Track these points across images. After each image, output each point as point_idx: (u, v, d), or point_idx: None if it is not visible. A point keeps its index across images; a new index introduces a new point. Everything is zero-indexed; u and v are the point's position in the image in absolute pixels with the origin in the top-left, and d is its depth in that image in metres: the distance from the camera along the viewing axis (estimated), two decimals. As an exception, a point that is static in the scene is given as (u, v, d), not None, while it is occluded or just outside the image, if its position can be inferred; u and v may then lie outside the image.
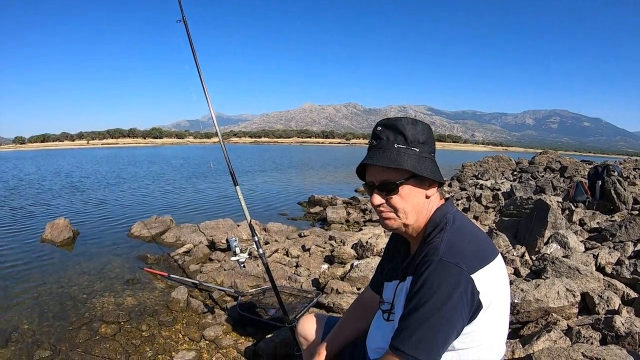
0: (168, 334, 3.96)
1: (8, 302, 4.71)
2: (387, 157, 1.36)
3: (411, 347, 1.22)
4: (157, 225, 8.09)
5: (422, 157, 1.37)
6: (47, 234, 7.48)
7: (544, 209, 5.04)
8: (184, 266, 5.95)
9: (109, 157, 47.94)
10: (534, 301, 2.85)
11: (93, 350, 3.64)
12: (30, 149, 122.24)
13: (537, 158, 19.31)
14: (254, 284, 5.05)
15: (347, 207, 10.50)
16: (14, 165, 32.71)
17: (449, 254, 1.25)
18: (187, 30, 3.54)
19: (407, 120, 1.40)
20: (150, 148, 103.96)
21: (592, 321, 2.74)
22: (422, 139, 1.38)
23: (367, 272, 4.59)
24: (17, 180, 19.53)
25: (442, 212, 1.43)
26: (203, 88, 3.60)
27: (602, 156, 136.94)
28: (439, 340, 1.23)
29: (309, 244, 6.35)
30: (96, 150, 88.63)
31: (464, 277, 1.21)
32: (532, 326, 2.86)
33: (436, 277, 1.22)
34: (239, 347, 3.65)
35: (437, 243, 1.30)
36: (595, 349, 2.25)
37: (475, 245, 1.32)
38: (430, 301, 1.20)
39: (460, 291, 1.20)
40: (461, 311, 1.21)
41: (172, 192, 15.19)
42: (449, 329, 1.22)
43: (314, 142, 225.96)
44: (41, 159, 45.08)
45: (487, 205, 8.78)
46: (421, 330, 1.22)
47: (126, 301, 4.71)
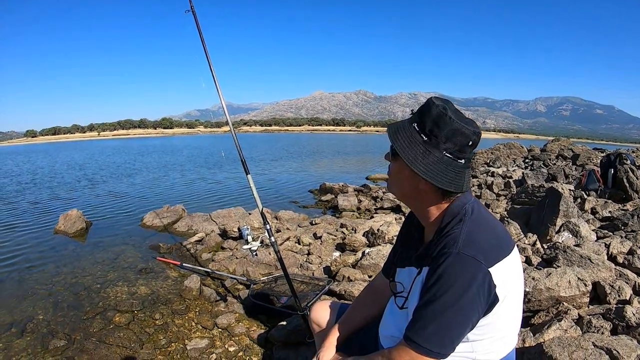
0: (181, 322, 4.00)
1: (23, 293, 4.79)
2: (400, 126, 1.35)
3: (426, 340, 1.22)
4: (169, 214, 8.15)
5: (427, 150, 1.28)
6: (60, 225, 7.57)
7: (556, 197, 5.01)
8: (196, 255, 6.00)
9: (119, 148, 48.26)
10: (545, 290, 2.85)
11: (107, 339, 3.69)
12: (41, 141, 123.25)
13: (549, 146, 19.10)
14: (265, 272, 5.08)
15: (358, 195, 10.50)
16: (28, 159, 33.04)
17: (468, 247, 1.22)
18: (196, 20, 3.53)
19: (445, 110, 1.27)
20: (161, 138, 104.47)
21: (603, 311, 2.72)
22: (440, 133, 1.27)
23: (378, 259, 4.60)
24: (29, 173, 19.74)
25: (461, 202, 1.36)
26: (213, 77, 3.58)
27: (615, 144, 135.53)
28: (454, 333, 1.22)
29: (321, 231, 6.36)
30: (107, 141, 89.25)
31: (482, 270, 1.19)
32: (543, 315, 2.85)
33: (454, 270, 1.20)
34: (251, 335, 3.69)
35: (456, 235, 1.26)
36: (605, 338, 2.24)
37: (494, 238, 1.29)
38: (447, 294, 1.19)
39: (478, 285, 1.19)
40: (477, 305, 1.20)
41: (183, 182, 15.31)
42: (465, 322, 1.22)
43: (325, 130, 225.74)
44: (53, 151, 45.47)
45: (498, 193, 8.73)
46: (437, 323, 1.21)
47: (139, 290, 4.77)
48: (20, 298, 4.64)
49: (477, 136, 1.29)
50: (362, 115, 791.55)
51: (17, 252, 6.41)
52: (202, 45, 3.55)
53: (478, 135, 1.29)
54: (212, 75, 3.58)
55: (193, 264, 5.55)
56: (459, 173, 1.29)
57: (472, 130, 1.27)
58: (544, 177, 9.67)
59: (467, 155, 1.30)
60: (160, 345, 3.59)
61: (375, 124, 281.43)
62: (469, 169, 1.34)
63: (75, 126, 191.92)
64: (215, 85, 3.59)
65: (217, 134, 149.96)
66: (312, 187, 12.99)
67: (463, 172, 1.31)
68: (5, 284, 5.10)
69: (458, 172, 1.29)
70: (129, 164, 24.27)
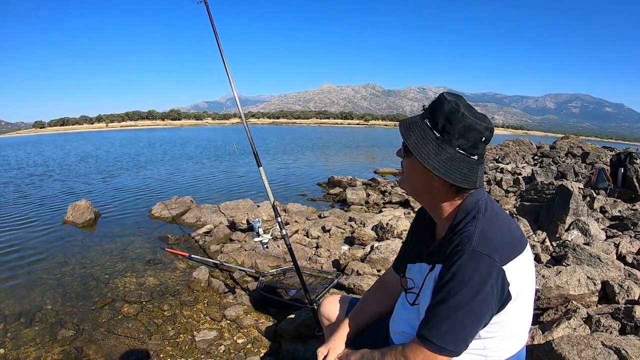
0: (190, 313, 4.04)
1: (32, 283, 4.84)
2: (412, 122, 1.34)
3: (439, 338, 1.22)
4: (177, 206, 8.18)
5: (440, 147, 1.27)
6: (68, 215, 7.62)
7: (566, 195, 4.98)
8: (204, 246, 6.03)
9: (127, 139, 48.38)
10: (555, 288, 2.85)
11: (116, 329, 3.73)
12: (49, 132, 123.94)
13: (559, 143, 19.01)
14: (274, 265, 5.10)
15: (366, 189, 10.49)
16: (38, 150, 33.22)
17: (482, 245, 1.21)
18: (209, 11, 3.52)
19: (458, 106, 1.26)
20: (168, 130, 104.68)
21: (611, 310, 2.72)
22: (452, 129, 1.25)
23: (387, 254, 4.61)
24: (37, 165, 19.82)
25: (474, 199, 1.35)
26: (225, 69, 3.57)
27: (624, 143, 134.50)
28: (467, 331, 1.23)
29: (329, 225, 6.36)
30: (115, 132, 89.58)
31: (496, 268, 1.19)
32: (552, 313, 2.85)
33: (468, 268, 1.20)
34: (260, 327, 3.72)
35: (470, 232, 1.25)
36: (614, 338, 2.24)
37: (508, 236, 1.28)
38: (461, 292, 1.19)
39: (492, 283, 1.18)
40: (491, 303, 1.20)
41: (191, 173, 15.38)
42: (478, 320, 1.22)
43: (333, 123, 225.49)
44: (61, 142, 45.66)
45: (507, 190, 8.69)
46: (450, 320, 1.21)
47: (148, 281, 4.81)
48: (28, 288, 4.69)
49: (490, 132, 1.28)
50: (370, 109, 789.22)
51: (26, 242, 6.46)
52: (214, 36, 3.55)
53: (491, 131, 1.28)
54: (225, 67, 3.57)
55: (201, 255, 5.58)
56: (472, 169, 1.29)
57: (484, 126, 1.26)
58: (554, 174, 9.62)
59: (480, 152, 1.29)
60: (169, 336, 3.62)
61: (383, 118, 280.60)
62: (482, 165, 1.33)
63: (83, 117, 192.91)
64: (228, 77, 3.59)
65: (225, 125, 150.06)
66: (321, 180, 12.99)
67: (476, 169, 1.30)
68: (15, 274, 5.15)
69: (471, 168, 1.28)
70: (137, 155, 24.35)
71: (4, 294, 4.54)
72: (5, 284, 4.84)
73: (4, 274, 5.13)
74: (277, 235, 4.07)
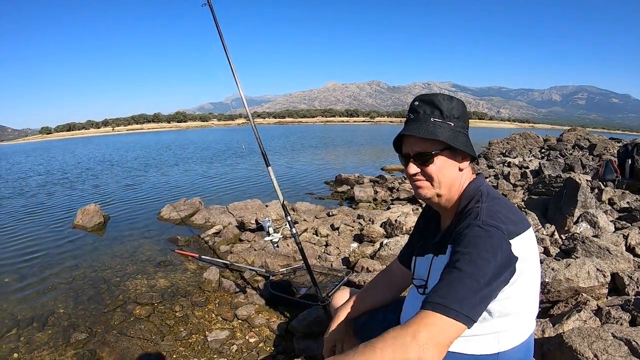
0: (201, 314, 4.06)
1: (43, 287, 4.87)
2: (424, 128, 1.41)
3: (454, 300, 1.17)
4: (186, 207, 8.21)
5: (456, 131, 1.43)
6: (78, 219, 7.67)
7: (574, 188, 4.97)
8: (214, 247, 6.06)
9: (134, 143, 48.54)
10: (565, 280, 2.85)
11: (128, 331, 3.76)
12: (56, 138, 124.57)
13: (565, 135, 18.90)
14: (284, 264, 5.12)
15: (374, 186, 10.47)
16: (45, 156, 33.43)
17: (491, 219, 1.28)
18: (213, 14, 3.54)
19: (443, 96, 1.46)
20: (175, 132, 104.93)
21: (621, 302, 2.72)
22: (456, 114, 1.44)
23: (396, 250, 4.61)
24: (45, 169, 19.99)
25: (475, 185, 1.48)
26: (232, 70, 3.59)
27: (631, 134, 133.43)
28: (480, 297, 1.20)
29: (338, 223, 6.38)
30: (122, 136, 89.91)
31: (504, 239, 1.24)
32: (562, 306, 2.86)
33: (479, 239, 1.24)
34: (271, 326, 3.74)
35: (477, 210, 1.33)
36: (625, 329, 2.24)
37: (512, 214, 1.34)
38: (473, 259, 1.20)
39: (501, 253, 1.22)
40: (501, 271, 1.22)
41: (199, 175, 15.41)
42: (490, 287, 1.21)
43: (338, 121, 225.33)
44: (68, 148, 45.91)
45: (515, 184, 8.67)
46: (464, 285, 1.18)
47: (159, 283, 4.83)
48: (40, 292, 4.73)
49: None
50: (375, 106, 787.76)
51: (37, 247, 6.51)
52: (219, 38, 3.56)
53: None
54: (231, 68, 3.59)
55: (211, 256, 5.61)
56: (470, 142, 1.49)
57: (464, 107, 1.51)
58: (561, 167, 9.60)
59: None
60: (181, 337, 3.64)
61: (389, 114, 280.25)
62: None
63: (89, 122, 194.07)
64: (234, 78, 3.61)
65: (230, 126, 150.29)
66: (328, 179, 12.97)
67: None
68: (26, 278, 5.19)
69: (470, 142, 1.49)
70: (143, 158, 24.45)
71: (17, 298, 4.58)
72: (17, 288, 4.88)
73: (16, 279, 5.17)
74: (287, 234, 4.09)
